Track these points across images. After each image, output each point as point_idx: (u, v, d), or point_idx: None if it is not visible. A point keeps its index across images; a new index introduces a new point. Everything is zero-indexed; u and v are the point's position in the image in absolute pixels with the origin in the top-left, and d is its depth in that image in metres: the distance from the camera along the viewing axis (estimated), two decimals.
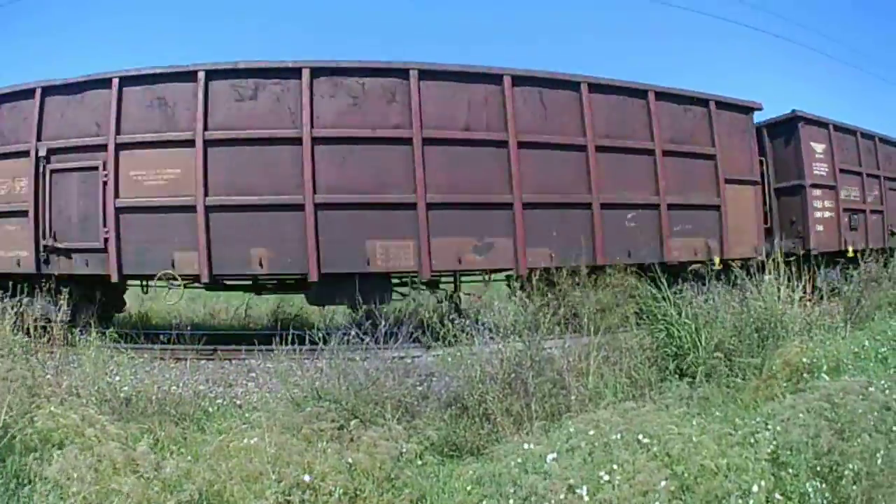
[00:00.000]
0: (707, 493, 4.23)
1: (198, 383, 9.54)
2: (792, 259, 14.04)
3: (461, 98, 13.04)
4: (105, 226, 12.26)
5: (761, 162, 17.38)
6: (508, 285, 14.12)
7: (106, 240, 12.25)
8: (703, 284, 10.35)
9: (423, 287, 13.75)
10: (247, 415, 7.03)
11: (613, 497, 4.13)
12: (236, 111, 12.39)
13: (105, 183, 12.28)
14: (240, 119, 12.38)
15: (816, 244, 17.92)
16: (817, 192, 18.34)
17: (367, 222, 12.46)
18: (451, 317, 8.29)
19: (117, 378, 7.78)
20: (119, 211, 12.24)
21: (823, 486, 4.53)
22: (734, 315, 8.92)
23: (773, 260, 9.93)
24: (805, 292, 9.76)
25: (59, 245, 12.45)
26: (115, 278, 12.32)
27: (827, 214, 18.48)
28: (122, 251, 12.26)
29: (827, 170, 18.71)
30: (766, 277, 9.55)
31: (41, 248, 12.52)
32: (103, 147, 12.34)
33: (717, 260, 15.08)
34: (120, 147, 12.29)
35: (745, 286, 9.67)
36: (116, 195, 12.25)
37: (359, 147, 12.52)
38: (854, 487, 4.51)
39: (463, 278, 14.34)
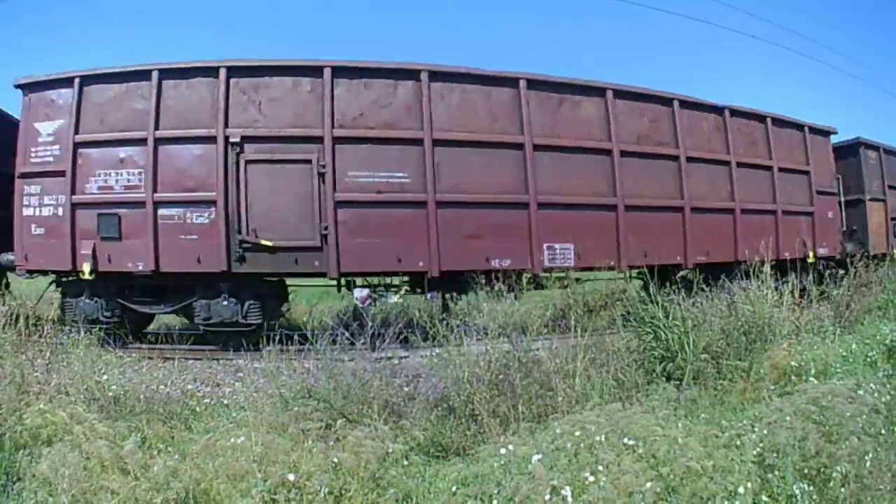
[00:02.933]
0: (692, 494, 4.24)
1: (185, 382, 9.53)
2: None
3: None
4: None
5: None
6: None
7: None
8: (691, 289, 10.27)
9: None
10: (234, 414, 7.01)
11: (598, 498, 4.13)
12: None
13: None
14: None
15: None
16: None
17: None
18: (440, 317, 8.26)
19: (105, 377, 7.75)
20: None
21: (811, 487, 4.55)
22: (722, 318, 8.92)
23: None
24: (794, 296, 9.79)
25: None
26: None
27: None
28: None
29: None
30: (753, 282, 9.55)
31: None
32: None
33: None
34: None
35: (733, 290, 9.68)
36: None
37: None
38: (842, 489, 4.53)
39: None
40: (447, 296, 12.90)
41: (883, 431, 5.11)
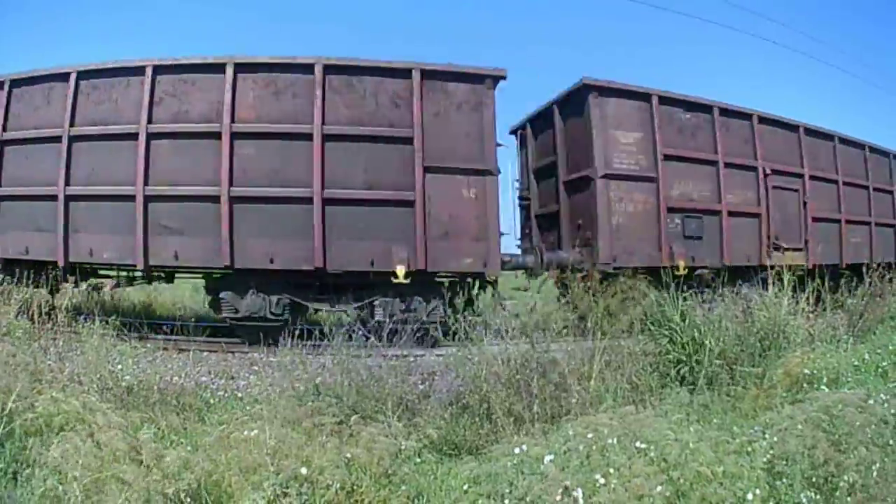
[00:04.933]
0: (702, 499, 4.25)
1: (200, 375, 9.57)
2: None
3: None
4: None
5: None
6: None
7: None
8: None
9: None
10: (248, 407, 7.00)
11: (608, 500, 4.14)
12: None
13: None
14: None
15: None
16: None
17: None
18: (460, 316, 8.26)
19: (119, 367, 7.78)
20: None
21: (818, 496, 4.54)
22: (737, 324, 8.90)
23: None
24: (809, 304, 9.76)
25: None
26: None
27: None
28: None
29: None
30: (770, 289, 9.53)
31: None
32: None
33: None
34: None
35: (749, 296, 9.67)
36: None
37: None
38: (849, 499, 4.52)
39: None
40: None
41: (891, 442, 5.08)
